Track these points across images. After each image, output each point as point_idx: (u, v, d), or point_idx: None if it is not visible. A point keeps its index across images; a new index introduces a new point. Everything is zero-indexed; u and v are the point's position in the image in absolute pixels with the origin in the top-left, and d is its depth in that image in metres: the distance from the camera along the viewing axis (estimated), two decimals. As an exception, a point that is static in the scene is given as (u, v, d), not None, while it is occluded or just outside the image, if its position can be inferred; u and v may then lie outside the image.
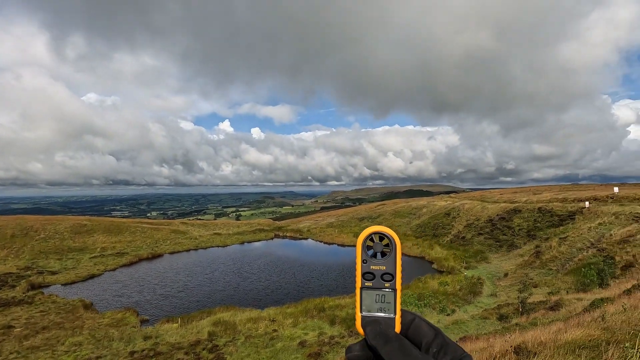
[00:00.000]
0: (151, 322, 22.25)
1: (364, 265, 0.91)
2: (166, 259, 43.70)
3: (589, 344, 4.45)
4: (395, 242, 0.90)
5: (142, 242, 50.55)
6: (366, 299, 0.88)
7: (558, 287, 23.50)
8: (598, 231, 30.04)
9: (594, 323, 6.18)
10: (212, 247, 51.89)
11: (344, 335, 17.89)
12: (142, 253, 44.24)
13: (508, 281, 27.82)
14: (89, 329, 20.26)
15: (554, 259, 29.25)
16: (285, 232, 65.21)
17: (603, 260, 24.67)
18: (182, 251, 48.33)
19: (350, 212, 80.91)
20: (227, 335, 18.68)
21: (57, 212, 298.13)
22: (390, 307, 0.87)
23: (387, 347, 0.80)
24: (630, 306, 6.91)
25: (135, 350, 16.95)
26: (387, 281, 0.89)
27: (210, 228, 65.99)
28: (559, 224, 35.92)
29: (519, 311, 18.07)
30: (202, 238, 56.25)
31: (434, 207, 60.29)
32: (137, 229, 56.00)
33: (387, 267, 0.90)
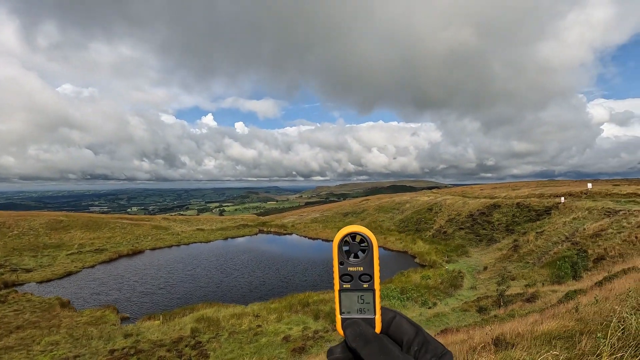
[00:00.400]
0: (132, 320, 21.81)
1: (341, 267, 0.89)
2: (147, 255, 42.83)
3: (563, 334, 4.62)
4: (371, 241, 0.89)
5: (122, 238, 49.37)
6: (345, 301, 0.88)
7: (534, 279, 24.32)
8: (572, 225, 31.20)
9: (568, 314, 6.42)
10: (195, 243, 51.18)
11: (328, 330, 18.03)
12: (122, 249, 43.20)
13: (487, 274, 28.61)
14: (67, 328, 19.70)
15: (531, 253, 30.24)
16: (270, 227, 64.95)
17: (577, 253, 25.67)
18: (164, 247, 47.47)
19: (334, 207, 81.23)
20: (210, 331, 18.53)
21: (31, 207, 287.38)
22: (370, 308, 0.86)
23: (367, 348, 0.80)
24: (602, 297, 7.22)
25: (116, 348, 16.60)
26: (365, 282, 0.88)
27: (193, 224, 65.03)
28: (536, 219, 37.10)
29: (498, 303, 18.63)
30: (184, 234, 55.38)
31: (417, 202, 61.22)
32: (117, 225, 54.63)
33: (365, 267, 0.89)
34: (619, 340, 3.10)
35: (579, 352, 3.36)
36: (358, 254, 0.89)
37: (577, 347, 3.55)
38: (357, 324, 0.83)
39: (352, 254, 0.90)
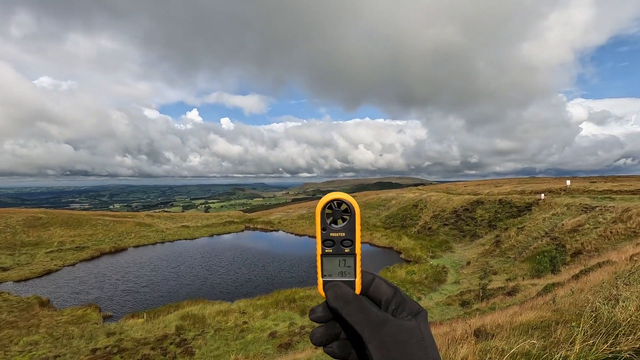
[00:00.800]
0: (115, 318, 21.42)
1: (324, 233, 0.92)
2: (130, 252, 42.04)
3: (540, 324, 4.79)
4: (354, 208, 0.91)
5: (104, 235, 48.28)
6: (327, 265, 0.91)
7: (515, 273, 25.01)
8: (552, 221, 32.17)
9: (545, 306, 6.66)
10: (180, 240, 50.51)
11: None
12: (105, 247, 42.27)
13: (470, 269, 29.25)
14: (46, 327, 19.21)
15: (512, 248, 31.06)
16: (256, 224, 64.61)
17: (555, 248, 26.51)
18: (148, 244, 46.67)
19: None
20: (195, 328, 18.38)
21: (8, 204, 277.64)
22: (351, 271, 0.90)
23: (347, 308, 0.86)
24: (577, 289, 7.51)
25: (98, 347, 16.29)
26: (347, 247, 0.91)
27: (177, 220, 64.08)
28: (518, 215, 38.08)
29: (480, 297, 19.09)
30: (169, 231, 54.55)
31: (402, 199, 61.93)
32: (99, 222, 53.37)
33: (347, 233, 0.91)
34: (591, 328, 3.25)
35: (554, 340, 3.50)
36: (340, 220, 0.91)
37: (552, 335, 3.70)
38: (337, 285, 0.87)
39: (335, 220, 0.92)
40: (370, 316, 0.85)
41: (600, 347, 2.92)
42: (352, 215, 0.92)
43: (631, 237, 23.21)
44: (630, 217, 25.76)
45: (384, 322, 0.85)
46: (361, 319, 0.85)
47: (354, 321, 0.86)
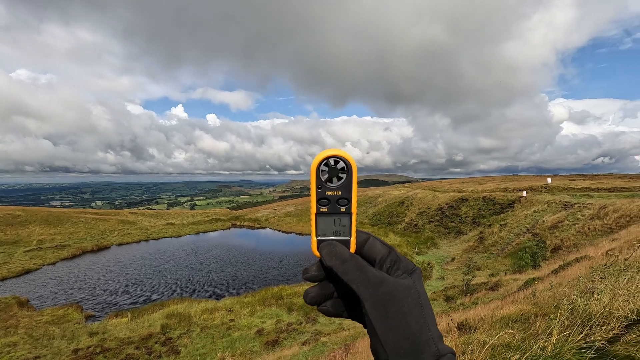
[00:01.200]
0: (98, 318, 21.00)
1: (319, 191, 0.88)
2: (113, 251, 41.20)
3: (521, 317, 4.95)
4: (351, 165, 0.88)
5: (86, 233, 47.15)
6: (321, 224, 0.88)
7: (498, 269, 25.63)
8: (533, 218, 33.04)
9: (525, 299, 6.87)
10: (165, 237, 49.76)
11: (302, 322, 18.20)
12: (86, 245, 41.28)
13: (455, 265, 29.81)
14: (25, 328, 18.68)
15: (495, 244, 31.79)
16: (243, 221, 64.18)
17: (536, 244, 27.27)
18: (132, 242, 45.82)
19: (308, 201, 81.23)
20: (181, 327, 18.19)
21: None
22: (346, 231, 0.87)
23: (343, 266, 0.85)
24: (556, 283, 7.77)
25: (80, 347, 15.95)
26: (342, 206, 0.87)
27: (162, 218, 63.09)
28: (500, 212, 38.96)
29: (464, 292, 19.50)
30: (153, 229, 53.67)
31: (389, 196, 62.52)
32: (80, 220, 52.07)
33: (343, 192, 0.88)
34: (567, 320, 3.38)
35: (533, 331, 3.63)
36: (336, 178, 0.87)
37: (532, 327, 3.84)
38: (332, 244, 0.85)
39: (331, 178, 0.88)
40: (368, 275, 0.85)
41: (576, 337, 3.05)
42: (348, 173, 0.88)
43: (607, 233, 24.06)
44: (606, 214, 26.69)
45: (380, 281, 0.85)
46: (358, 278, 0.85)
47: (351, 280, 0.85)
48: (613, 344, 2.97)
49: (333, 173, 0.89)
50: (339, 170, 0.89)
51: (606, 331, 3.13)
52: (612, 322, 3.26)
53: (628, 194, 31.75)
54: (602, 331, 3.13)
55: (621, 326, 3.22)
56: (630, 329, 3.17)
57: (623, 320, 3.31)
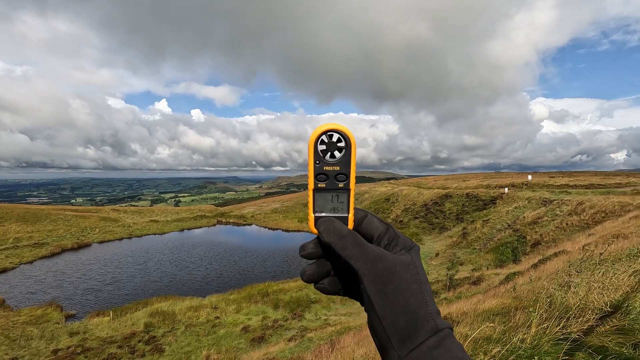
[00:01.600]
0: (78, 317, 20.50)
1: (317, 167, 0.85)
2: (94, 248, 40.22)
3: (501, 311, 5.09)
4: (349, 140, 0.85)
5: (66, 231, 45.83)
6: (319, 200, 0.85)
7: (480, 264, 26.23)
8: (514, 214, 33.92)
9: (506, 293, 7.06)
10: (149, 235, 48.86)
11: (288, 318, 18.22)
12: (66, 243, 40.15)
13: (439, 260, 30.35)
14: (2, 329, 18.06)
15: (477, 239, 32.51)
16: (229, 218, 63.62)
17: (517, 239, 28.02)
18: (114, 240, 44.83)
19: (295, 197, 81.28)
20: (165, 325, 17.95)
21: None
22: (344, 207, 0.85)
23: (341, 242, 0.83)
24: (536, 277, 8.01)
25: (60, 347, 15.55)
26: (341, 181, 0.85)
27: (146, 215, 61.90)
28: (483, 208, 39.83)
29: (447, 287, 19.89)
30: (136, 226, 52.60)
31: (375, 192, 63.03)
32: (59, 217, 50.58)
33: (341, 167, 0.85)
34: (546, 312, 3.50)
35: (513, 324, 3.73)
36: (335, 153, 0.85)
37: (512, 320, 3.95)
38: (330, 221, 0.83)
39: (329, 153, 0.85)
40: (366, 250, 0.83)
41: (554, 329, 3.15)
42: (347, 148, 0.85)
43: (584, 228, 24.92)
44: (583, 210, 27.63)
45: (379, 257, 0.83)
46: (356, 253, 0.83)
47: (349, 255, 0.83)
48: (588, 335, 3.09)
49: (331, 148, 0.86)
50: (337, 145, 0.86)
51: (582, 323, 3.24)
52: (587, 314, 3.38)
53: (604, 191, 32.93)
54: (578, 323, 3.24)
55: (596, 318, 3.34)
56: (604, 320, 3.30)
57: (598, 312, 3.45)
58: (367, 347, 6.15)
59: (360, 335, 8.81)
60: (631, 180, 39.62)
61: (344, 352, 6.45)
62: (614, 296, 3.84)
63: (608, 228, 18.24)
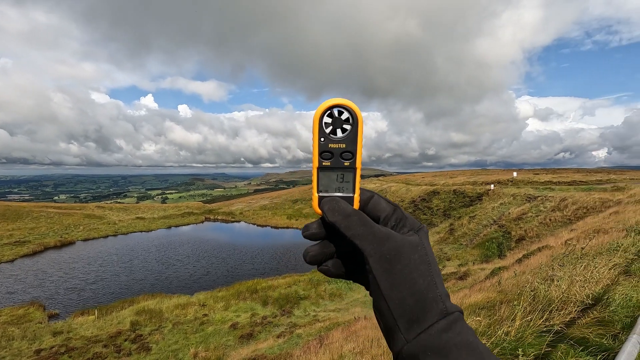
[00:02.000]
0: (62, 317, 20.06)
1: (322, 144, 0.80)
2: (78, 246, 39.37)
3: (487, 304, 5.17)
4: (357, 116, 0.80)
5: (48, 228, 44.71)
6: (323, 179, 0.81)
7: (467, 259, 26.67)
8: (499, 210, 34.55)
9: (492, 287, 7.18)
10: (135, 232, 48.07)
11: (277, 315, 18.21)
12: (49, 241, 39.18)
13: (426, 256, 30.77)
14: (-19, 329, 17.56)
15: (464, 235, 33.02)
16: (217, 215, 63.06)
17: (502, 235, 28.57)
18: (99, 237, 43.97)
19: (284, 194, 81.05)
20: (152, 323, 17.73)
21: None
22: (349, 187, 0.80)
23: (346, 221, 0.78)
24: (520, 272, 8.17)
25: (43, 347, 15.20)
26: (347, 160, 0.80)
27: (132, 212, 60.85)
28: (470, 204, 40.45)
29: (434, 282, 20.17)
30: (122, 223, 51.67)
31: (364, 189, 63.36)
32: (42, 214, 49.31)
33: (347, 144, 0.80)
34: (529, 305, 3.57)
35: (498, 318, 3.80)
36: (341, 129, 0.81)
37: (497, 314, 4.01)
38: (335, 200, 0.79)
39: (335, 130, 0.81)
40: (373, 230, 0.78)
41: (537, 322, 3.22)
42: (354, 124, 0.80)
43: (567, 223, 25.55)
44: (566, 206, 28.32)
45: (386, 236, 0.78)
46: (362, 232, 0.78)
47: (354, 235, 0.78)
48: (570, 327, 3.16)
49: (337, 124, 0.81)
50: (343, 121, 0.81)
51: (564, 315, 3.32)
52: (569, 307, 3.46)
53: (585, 187, 33.81)
54: (560, 315, 3.32)
55: (577, 310, 3.43)
56: (585, 312, 3.39)
57: (579, 304, 3.53)
58: (355, 342, 6.19)
59: (348, 330, 8.86)
60: (611, 177, 40.80)
61: (332, 347, 6.48)
62: (595, 289, 3.94)
63: (589, 223, 18.75)
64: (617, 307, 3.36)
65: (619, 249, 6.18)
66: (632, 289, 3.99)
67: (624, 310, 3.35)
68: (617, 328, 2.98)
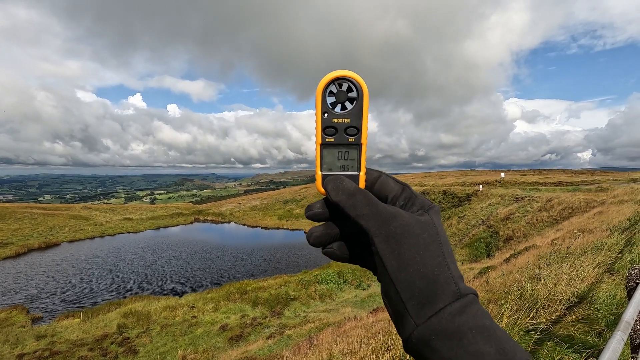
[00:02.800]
0: (46, 320, 19.58)
1: (325, 119, 0.71)
2: (64, 248, 38.54)
3: (475, 303, 5.21)
4: (362, 89, 0.74)
5: (32, 229, 43.67)
6: (327, 157, 0.74)
7: (456, 259, 26.93)
8: (488, 210, 35.02)
9: (480, 287, 7.25)
10: (122, 233, 47.28)
11: (267, 316, 18.10)
12: (33, 242, 38.27)
13: (416, 256, 30.99)
14: (-40, 334, 17.03)
15: (454, 235, 33.36)
16: (206, 215, 62.48)
17: (490, 234, 28.95)
18: (85, 239, 43.12)
19: (274, 195, 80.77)
20: (140, 326, 17.43)
21: None
22: (354, 165, 0.74)
23: (351, 200, 0.71)
24: (507, 271, 8.28)
25: (25, 352, 14.80)
26: (351, 135, 0.72)
27: (119, 213, 59.85)
28: (459, 205, 40.90)
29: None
30: (109, 224, 50.78)
31: (354, 190, 63.61)
32: (26, 215, 48.14)
33: (352, 119, 0.71)
34: (516, 304, 3.60)
35: (486, 316, 3.83)
36: (346, 103, 0.72)
37: (485, 313, 4.04)
38: (339, 179, 0.71)
39: (339, 104, 0.72)
40: (378, 208, 0.71)
41: (524, 320, 3.25)
42: (359, 98, 0.72)
43: (553, 223, 26.03)
44: (552, 206, 28.86)
45: (393, 215, 0.71)
46: (367, 212, 0.69)
47: (359, 215, 0.70)
48: (556, 324, 3.19)
49: (341, 98, 0.71)
50: (348, 95, 0.72)
51: (550, 313, 3.36)
52: (555, 305, 3.51)
53: (571, 188, 34.51)
54: (546, 313, 3.35)
55: (563, 308, 3.47)
56: (571, 310, 3.43)
57: (565, 302, 3.58)
58: (345, 343, 6.18)
59: (338, 331, 8.85)
60: (595, 178, 41.73)
61: (322, 348, 6.45)
62: (580, 287, 4.00)
63: (575, 223, 19.13)
64: (601, 304, 3.42)
65: (603, 248, 6.30)
66: (616, 287, 4.07)
67: (607, 307, 3.41)
68: (602, 325, 3.03)
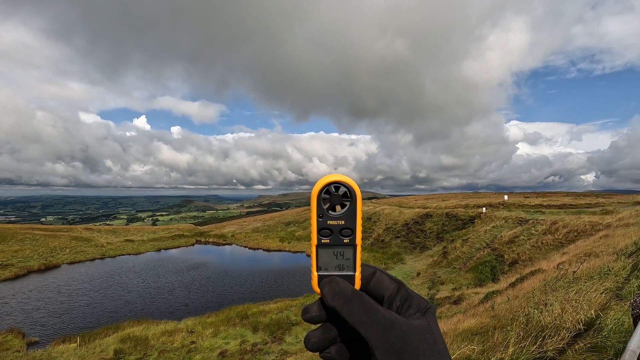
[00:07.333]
0: (42, 344, 19.14)
1: (320, 221, 0.80)
2: (63, 270, 38.16)
3: (480, 330, 5.10)
4: (355, 192, 0.80)
5: (33, 251, 43.43)
6: (323, 257, 0.79)
7: (460, 283, 26.44)
8: (492, 233, 34.65)
9: (485, 312, 7.11)
10: (123, 255, 46.90)
11: (267, 342, 17.64)
12: (33, 264, 37.95)
13: (420, 280, 30.41)
14: (-46, 359, 16.65)
15: (457, 258, 32.87)
16: (208, 237, 62.08)
17: (495, 258, 28.51)
18: (85, 261, 42.73)
19: (276, 216, 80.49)
20: (137, 352, 16.99)
21: None
22: (350, 264, 0.79)
23: (347, 306, 0.74)
24: (513, 296, 8.12)
25: (19, 378, 14.42)
26: (346, 237, 0.79)
27: (121, 234, 59.63)
28: (462, 227, 40.53)
29: (428, 307, 19.85)
30: (110, 246, 50.49)
31: (357, 212, 63.26)
32: (27, 236, 48.03)
33: (346, 221, 0.80)
34: (523, 331, 3.53)
35: (492, 344, 3.74)
36: (339, 206, 0.80)
37: (490, 340, 3.96)
38: (335, 281, 0.75)
39: (333, 207, 0.80)
40: (377, 317, 0.73)
41: (530, 348, 3.18)
42: (352, 200, 0.80)
43: (558, 247, 25.67)
44: (557, 229, 28.55)
45: (392, 323, 0.74)
46: (365, 320, 0.74)
47: (357, 322, 0.74)
48: (563, 353, 3.12)
49: (335, 201, 0.81)
50: (342, 198, 0.82)
51: (557, 341, 3.29)
52: (562, 333, 3.44)
53: (575, 211, 34.24)
54: (553, 341, 3.28)
55: (570, 336, 3.40)
56: (578, 338, 3.36)
57: (572, 330, 3.51)
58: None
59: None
60: (600, 201, 41.45)
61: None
62: (587, 314, 3.93)
63: (580, 247, 18.86)
64: (609, 332, 3.34)
65: (610, 273, 6.21)
66: (624, 314, 3.99)
67: (616, 335, 3.33)
68: (610, 354, 2.96)
